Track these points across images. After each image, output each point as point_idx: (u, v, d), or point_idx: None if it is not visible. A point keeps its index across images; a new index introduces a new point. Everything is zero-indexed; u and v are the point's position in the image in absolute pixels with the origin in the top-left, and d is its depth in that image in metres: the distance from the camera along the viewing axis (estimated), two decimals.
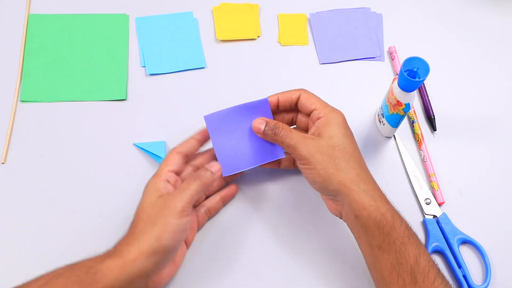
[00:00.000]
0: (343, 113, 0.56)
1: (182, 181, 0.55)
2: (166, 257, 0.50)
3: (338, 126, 0.54)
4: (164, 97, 0.68)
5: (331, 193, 0.52)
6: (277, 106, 0.58)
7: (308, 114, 0.57)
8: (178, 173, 0.56)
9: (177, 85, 0.69)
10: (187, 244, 0.57)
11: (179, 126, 0.65)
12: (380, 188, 0.53)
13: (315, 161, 0.51)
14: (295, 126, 0.61)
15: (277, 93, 0.57)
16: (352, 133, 0.55)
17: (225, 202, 0.60)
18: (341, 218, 0.54)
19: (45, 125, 0.65)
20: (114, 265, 0.47)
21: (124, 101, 0.67)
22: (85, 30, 0.71)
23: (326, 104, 0.56)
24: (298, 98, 0.57)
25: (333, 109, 0.56)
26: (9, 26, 0.71)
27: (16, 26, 0.71)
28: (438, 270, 0.49)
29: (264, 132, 0.55)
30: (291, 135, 0.53)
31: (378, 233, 0.49)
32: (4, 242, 0.58)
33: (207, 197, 0.60)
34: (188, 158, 0.57)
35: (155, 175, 0.54)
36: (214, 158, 0.57)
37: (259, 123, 0.56)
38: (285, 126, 0.55)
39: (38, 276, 0.48)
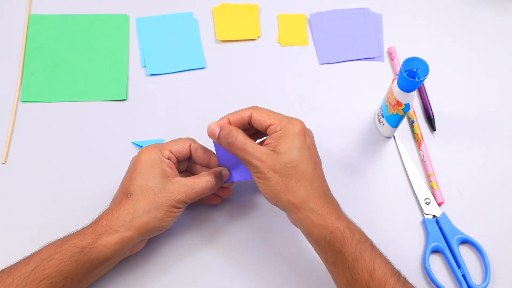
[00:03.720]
0: (344, 114, 0.55)
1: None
2: (158, 233, 0.54)
3: (293, 140, 0.51)
4: (165, 97, 0.68)
5: (282, 209, 0.53)
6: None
7: (265, 130, 0.54)
8: (177, 160, 0.56)
9: (177, 85, 0.69)
10: None
11: (180, 127, 0.65)
12: (334, 203, 0.52)
13: (267, 177, 0.51)
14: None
15: (227, 114, 0.54)
16: (310, 143, 0.53)
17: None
18: None
19: (45, 125, 0.65)
20: (110, 242, 0.50)
21: (125, 101, 0.67)
22: (86, 31, 0.71)
23: (281, 117, 0.53)
24: (250, 117, 0.54)
25: (290, 121, 0.53)
26: (9, 26, 0.71)
27: (17, 26, 0.71)
28: (398, 279, 0.48)
29: (218, 139, 0.52)
30: (245, 148, 0.51)
31: (330, 251, 0.50)
32: (4, 242, 0.58)
33: None
34: (190, 158, 0.57)
35: (157, 148, 0.54)
36: None
37: (214, 128, 0.52)
38: (240, 136, 0.52)
39: (24, 258, 0.49)
